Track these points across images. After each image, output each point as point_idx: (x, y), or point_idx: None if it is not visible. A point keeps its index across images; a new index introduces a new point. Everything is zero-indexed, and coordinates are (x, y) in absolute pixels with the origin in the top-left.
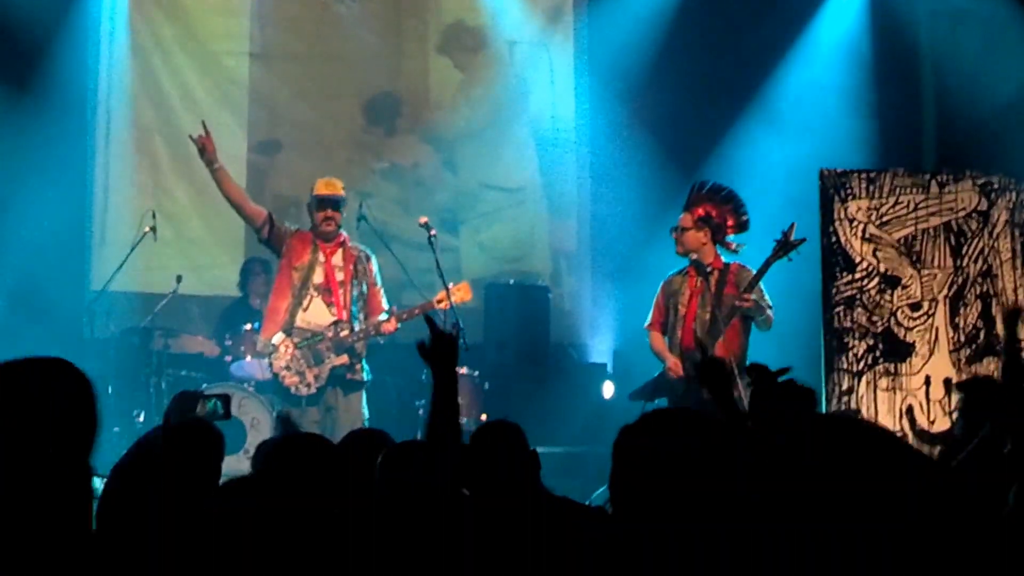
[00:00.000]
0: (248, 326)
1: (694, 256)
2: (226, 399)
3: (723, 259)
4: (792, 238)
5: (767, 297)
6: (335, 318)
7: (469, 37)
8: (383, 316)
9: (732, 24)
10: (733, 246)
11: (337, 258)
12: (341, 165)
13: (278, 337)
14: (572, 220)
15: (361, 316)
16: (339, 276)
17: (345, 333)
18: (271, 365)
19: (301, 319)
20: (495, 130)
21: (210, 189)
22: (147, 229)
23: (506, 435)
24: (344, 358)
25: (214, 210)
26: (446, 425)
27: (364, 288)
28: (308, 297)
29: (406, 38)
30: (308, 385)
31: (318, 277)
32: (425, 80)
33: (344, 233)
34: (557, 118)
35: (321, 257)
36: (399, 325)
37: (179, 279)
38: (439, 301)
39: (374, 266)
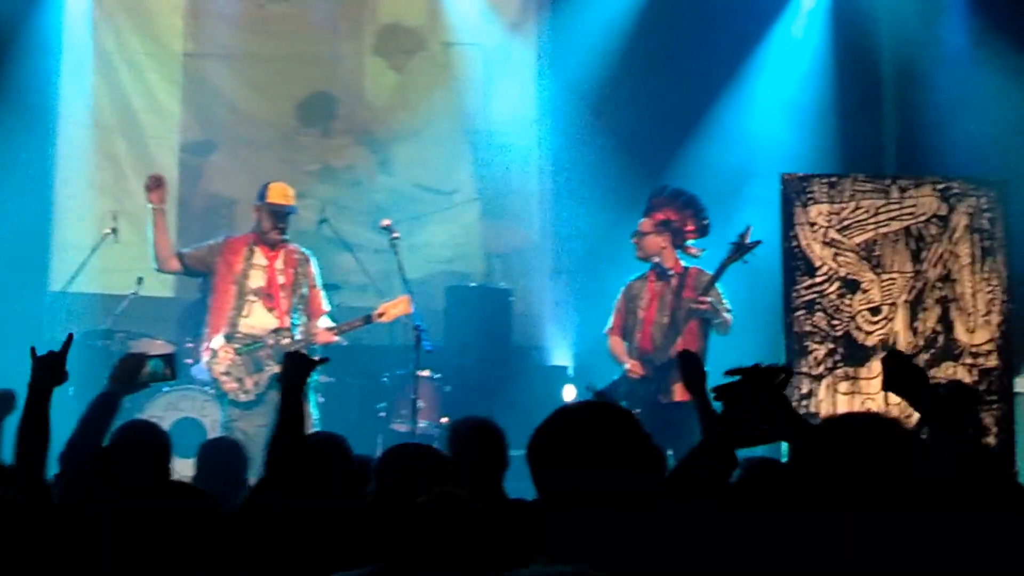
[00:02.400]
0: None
1: (655, 260)
2: (169, 358)
3: (683, 264)
4: (747, 241)
5: (725, 301)
6: (276, 323)
7: (407, 38)
8: (324, 322)
9: (694, 28)
10: (694, 251)
11: (279, 262)
12: (273, 165)
13: (217, 341)
14: (523, 223)
15: (302, 320)
16: (280, 279)
17: (286, 341)
18: (210, 370)
19: (243, 324)
20: (432, 131)
21: (171, 190)
22: (108, 230)
23: (482, 436)
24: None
25: (175, 211)
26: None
27: (305, 291)
28: (248, 303)
29: (342, 39)
30: (247, 391)
31: (256, 281)
32: (361, 81)
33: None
34: (516, 120)
35: (262, 260)
36: (338, 336)
37: (140, 281)
38: (379, 315)
39: (314, 267)
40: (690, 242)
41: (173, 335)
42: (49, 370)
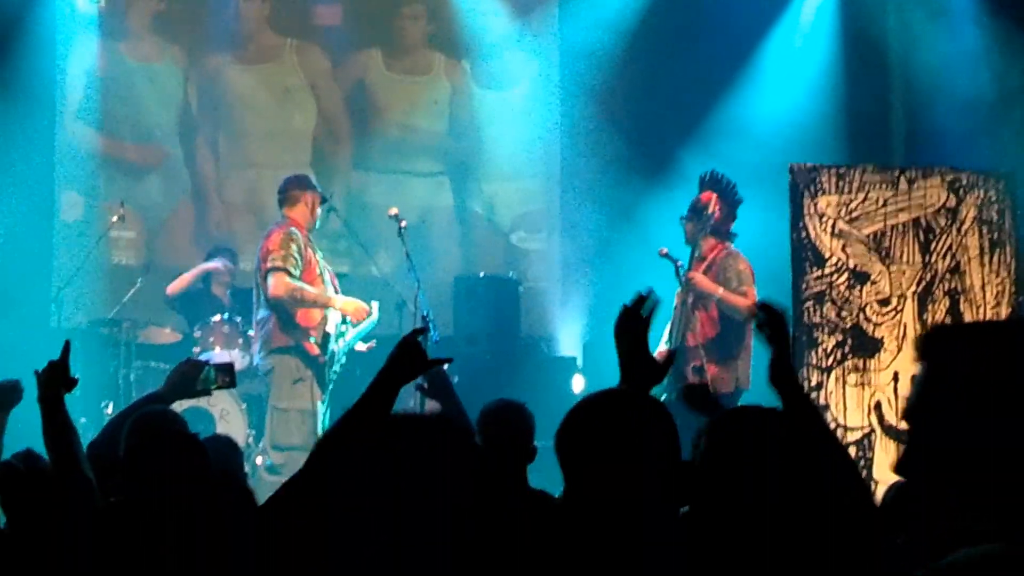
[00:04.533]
0: (217, 317)
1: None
2: (227, 367)
3: (725, 247)
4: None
5: (745, 285)
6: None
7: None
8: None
9: (702, 21)
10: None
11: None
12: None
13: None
14: (532, 214)
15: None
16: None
17: (349, 331)
18: (324, 350)
19: (338, 317)
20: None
21: (180, 178)
22: (115, 218)
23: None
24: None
25: (182, 199)
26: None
27: None
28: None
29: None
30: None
31: (326, 271)
32: (377, 86)
33: None
34: (525, 115)
35: (318, 254)
36: None
37: (147, 269)
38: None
39: None
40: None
41: (179, 324)
42: (54, 379)
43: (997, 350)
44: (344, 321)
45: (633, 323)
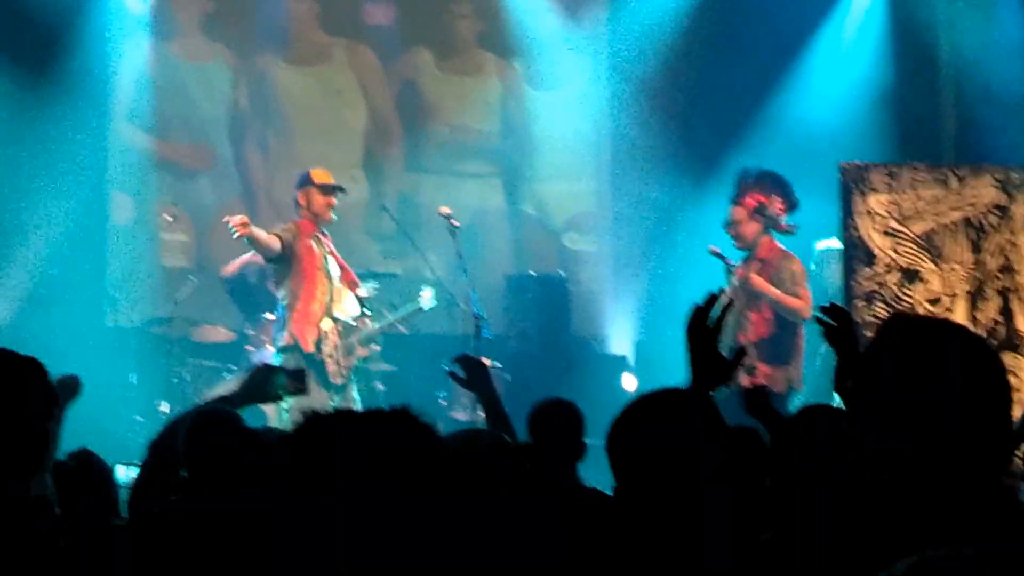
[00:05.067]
0: (270, 316)
1: (740, 246)
2: (299, 374)
3: (780, 246)
4: (770, 212)
5: (800, 286)
6: (358, 308)
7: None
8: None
9: (751, 19)
10: (786, 227)
11: (330, 244)
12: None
13: (327, 323)
14: (582, 211)
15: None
16: (347, 265)
17: (369, 325)
18: (319, 351)
19: (336, 310)
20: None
21: (230, 179)
22: (169, 218)
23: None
24: (366, 351)
25: (232, 201)
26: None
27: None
28: (337, 290)
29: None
30: (342, 375)
31: (335, 268)
32: (428, 86)
33: None
34: (575, 109)
35: (325, 248)
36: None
37: (200, 268)
38: (421, 310)
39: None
40: (784, 219)
41: (234, 321)
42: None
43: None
44: (351, 326)
45: (704, 322)
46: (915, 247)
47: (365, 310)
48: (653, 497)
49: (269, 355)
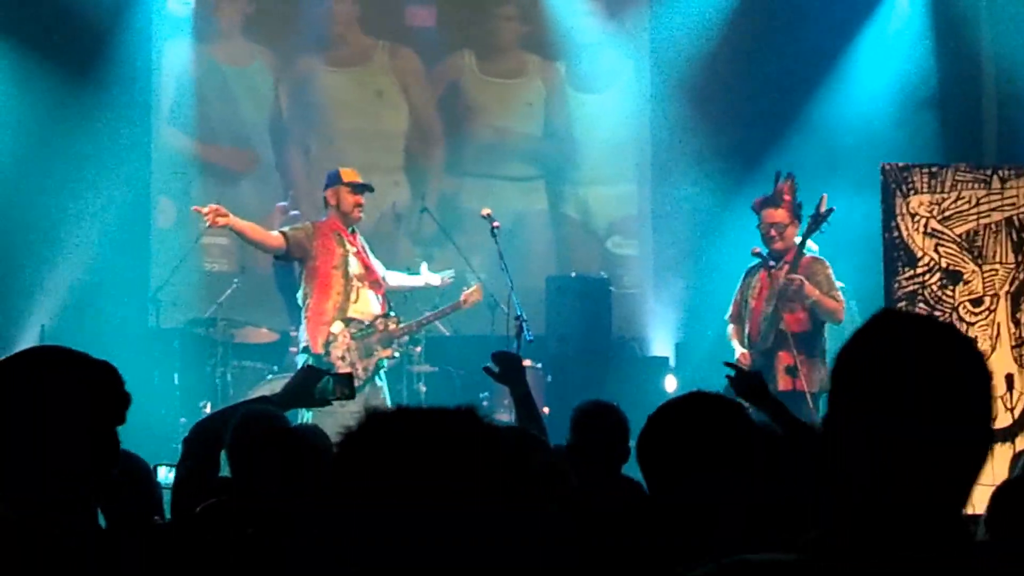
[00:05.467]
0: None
1: (779, 248)
2: (346, 379)
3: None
4: (823, 209)
5: (837, 290)
6: (382, 308)
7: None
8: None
9: (795, 18)
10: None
11: (362, 244)
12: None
13: (337, 326)
14: (624, 212)
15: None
16: (374, 264)
17: (392, 327)
18: (327, 354)
19: (352, 310)
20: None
21: (272, 183)
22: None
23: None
24: (389, 351)
25: (274, 204)
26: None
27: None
28: (355, 289)
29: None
30: (358, 377)
31: (356, 268)
32: (470, 88)
33: None
34: (617, 112)
35: (350, 246)
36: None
37: (243, 269)
38: (464, 302)
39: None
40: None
41: (276, 322)
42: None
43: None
44: (367, 328)
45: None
46: (957, 247)
47: (391, 312)
48: (683, 500)
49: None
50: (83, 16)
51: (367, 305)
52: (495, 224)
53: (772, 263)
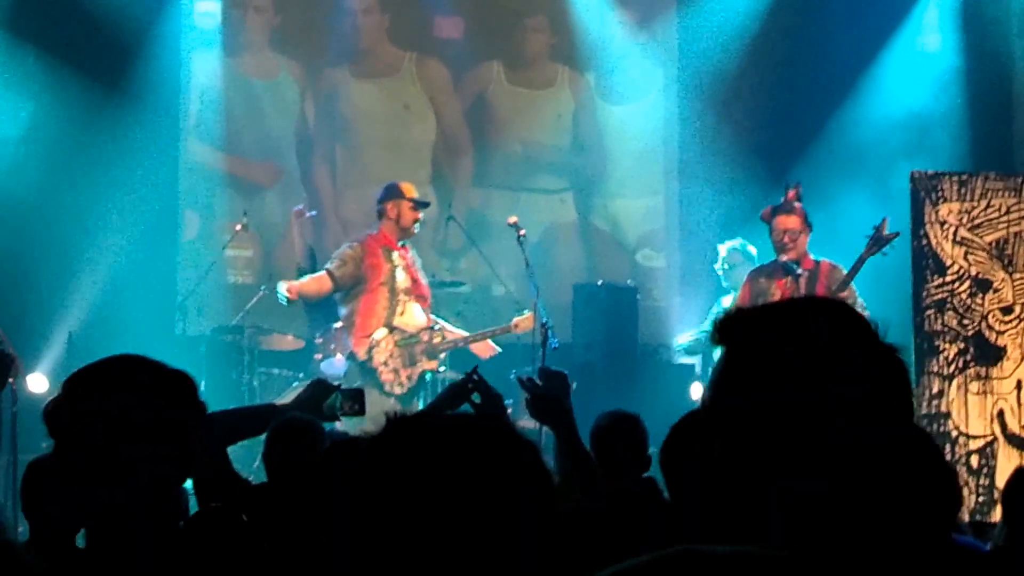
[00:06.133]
0: (338, 324)
1: (792, 256)
2: (356, 394)
3: (813, 258)
4: (885, 232)
5: (860, 299)
6: (429, 321)
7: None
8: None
9: (823, 26)
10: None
11: (412, 258)
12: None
13: (380, 332)
14: (649, 220)
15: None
16: (422, 278)
17: (437, 340)
18: (370, 359)
19: (398, 323)
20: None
21: (297, 195)
22: (239, 227)
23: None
24: (434, 364)
25: (307, 203)
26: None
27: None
28: (401, 302)
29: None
30: (401, 384)
31: (404, 282)
32: (498, 99)
33: None
34: (643, 120)
35: (399, 260)
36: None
37: (271, 277)
38: (515, 326)
39: (419, 261)
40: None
41: (303, 330)
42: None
43: (796, 327)
44: (412, 337)
45: None
46: (986, 256)
47: (434, 327)
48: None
49: (338, 363)
50: (113, 30)
51: (412, 318)
52: (521, 232)
53: (800, 271)
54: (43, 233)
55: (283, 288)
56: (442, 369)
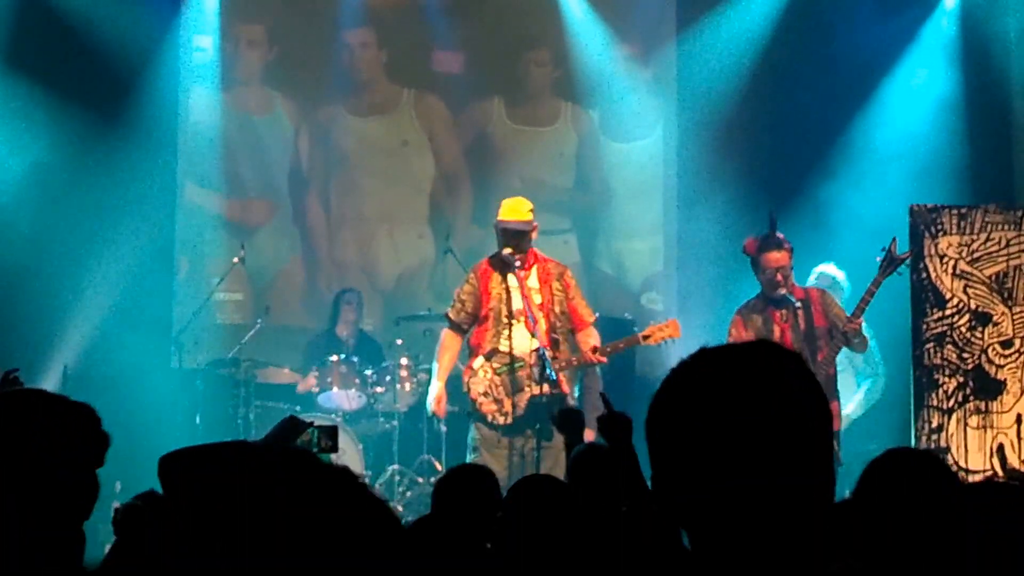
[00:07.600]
0: (335, 357)
1: (784, 292)
2: (330, 431)
3: (800, 287)
4: (897, 253)
5: (866, 335)
6: (539, 345)
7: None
8: (591, 335)
9: (823, 59)
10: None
11: (532, 280)
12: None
13: (478, 362)
14: (648, 246)
15: (562, 337)
16: (537, 299)
17: (560, 360)
18: (468, 391)
19: (504, 346)
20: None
21: (290, 235)
22: (235, 260)
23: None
24: (545, 388)
25: (292, 257)
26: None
27: (564, 306)
28: (508, 326)
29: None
30: (505, 414)
31: (516, 303)
32: (499, 137)
33: (536, 250)
34: (644, 144)
35: (514, 282)
36: (604, 358)
37: (267, 310)
38: (645, 337)
39: (571, 280)
40: None
41: (299, 363)
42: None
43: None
44: (514, 363)
45: None
46: (986, 289)
47: (538, 355)
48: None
49: (338, 396)
50: (111, 64)
51: (519, 341)
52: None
53: (797, 304)
54: (38, 266)
55: (433, 407)
56: (554, 392)
